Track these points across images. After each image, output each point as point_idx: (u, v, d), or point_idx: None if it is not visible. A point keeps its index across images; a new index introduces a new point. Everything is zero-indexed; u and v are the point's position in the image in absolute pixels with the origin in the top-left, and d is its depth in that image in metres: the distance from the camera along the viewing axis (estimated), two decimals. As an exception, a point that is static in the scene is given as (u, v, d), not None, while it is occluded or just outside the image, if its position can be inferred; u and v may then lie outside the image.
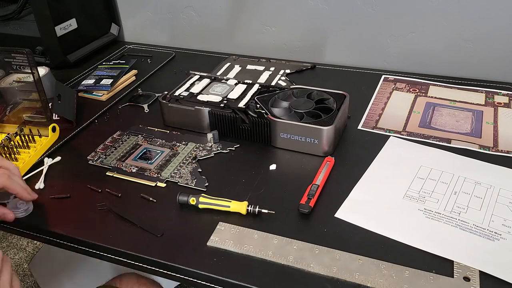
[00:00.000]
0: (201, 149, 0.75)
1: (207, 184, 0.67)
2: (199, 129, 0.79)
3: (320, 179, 0.65)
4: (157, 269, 0.57)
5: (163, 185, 0.68)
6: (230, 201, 0.61)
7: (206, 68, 0.96)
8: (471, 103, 0.84)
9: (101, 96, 0.93)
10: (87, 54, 1.11)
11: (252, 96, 0.79)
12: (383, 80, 0.95)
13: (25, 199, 0.62)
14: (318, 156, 0.72)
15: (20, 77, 0.78)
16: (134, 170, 0.71)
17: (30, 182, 0.70)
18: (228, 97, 0.79)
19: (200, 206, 0.62)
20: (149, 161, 0.72)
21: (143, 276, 0.84)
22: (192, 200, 0.62)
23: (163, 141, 0.77)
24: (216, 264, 0.55)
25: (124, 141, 0.78)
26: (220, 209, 0.61)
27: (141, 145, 0.77)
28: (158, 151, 0.75)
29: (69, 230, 0.61)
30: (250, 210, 0.60)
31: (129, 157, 0.74)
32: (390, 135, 0.77)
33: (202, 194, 0.62)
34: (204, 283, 0.54)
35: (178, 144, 0.76)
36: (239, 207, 0.60)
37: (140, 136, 0.79)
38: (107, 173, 0.71)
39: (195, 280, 0.55)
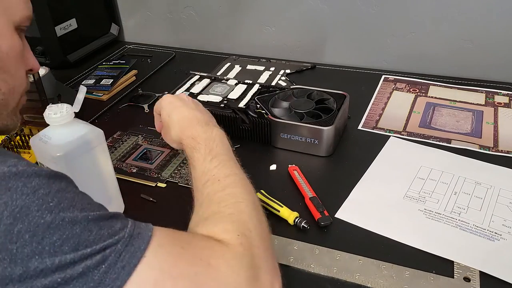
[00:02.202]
0: (201, 149, 0.75)
1: (207, 184, 0.67)
2: (199, 129, 0.79)
3: (308, 189, 0.64)
4: (157, 270, 0.57)
5: (164, 185, 0.68)
6: (282, 206, 0.60)
7: (206, 68, 0.96)
8: (471, 103, 0.84)
9: (101, 96, 0.93)
10: (87, 54, 1.11)
11: (252, 96, 0.79)
12: (383, 80, 0.95)
13: None
14: (318, 156, 0.72)
15: (20, 77, 0.78)
16: (134, 170, 0.71)
17: (30, 182, 0.70)
18: (228, 97, 0.79)
19: None
20: (150, 161, 0.72)
21: None
22: None
23: (163, 141, 0.77)
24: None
25: (124, 141, 0.78)
26: (271, 210, 0.61)
27: (141, 145, 0.77)
28: (158, 151, 0.75)
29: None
30: (297, 222, 0.59)
31: (129, 157, 0.74)
32: (390, 135, 0.77)
33: (261, 191, 0.62)
34: (204, 283, 0.54)
35: (178, 144, 0.76)
36: (288, 215, 0.59)
37: (140, 136, 0.79)
38: (107, 173, 0.71)
39: (195, 280, 0.55)
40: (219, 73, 0.97)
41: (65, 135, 0.53)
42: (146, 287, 0.36)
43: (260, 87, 0.82)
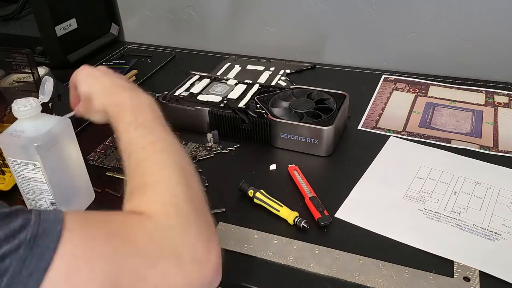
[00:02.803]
0: (201, 149, 0.75)
1: (207, 184, 0.67)
2: (199, 129, 0.79)
3: (308, 189, 0.64)
4: (157, 269, 0.57)
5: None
6: (282, 206, 0.60)
7: (206, 68, 0.96)
8: (471, 103, 0.84)
9: (101, 96, 0.93)
10: (87, 54, 1.11)
11: (252, 96, 0.79)
12: (383, 80, 0.95)
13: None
14: (318, 156, 0.72)
15: (20, 77, 0.78)
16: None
17: (30, 182, 0.70)
18: (228, 97, 0.79)
19: (255, 200, 0.62)
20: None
21: None
22: (250, 193, 0.62)
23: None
24: (216, 264, 0.54)
25: (124, 141, 0.78)
26: (270, 210, 0.61)
27: (141, 145, 0.77)
28: (158, 151, 0.75)
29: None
30: (296, 222, 0.58)
31: (129, 157, 0.74)
32: (390, 135, 0.77)
33: (261, 190, 0.62)
34: (204, 283, 0.54)
35: (178, 144, 0.76)
36: (287, 214, 0.59)
37: (140, 136, 0.79)
38: (107, 173, 0.71)
39: (195, 280, 0.55)
40: (219, 73, 0.97)
41: (37, 127, 0.54)
42: (59, 281, 0.32)
43: (260, 87, 0.82)
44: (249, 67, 0.99)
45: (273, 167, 0.70)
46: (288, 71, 0.98)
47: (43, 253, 0.32)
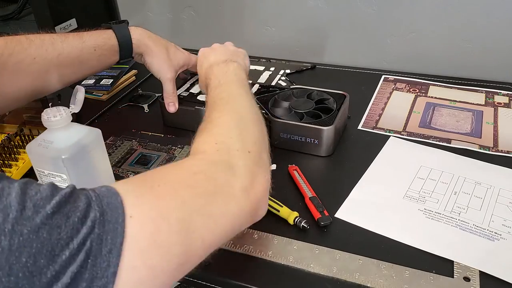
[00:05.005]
0: (201, 149, 0.75)
1: (207, 184, 0.67)
2: (199, 129, 0.79)
3: (308, 189, 0.63)
4: (157, 269, 0.57)
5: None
6: (282, 206, 0.60)
7: (206, 68, 0.96)
8: (471, 103, 0.84)
9: (101, 96, 0.93)
10: (87, 54, 1.11)
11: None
12: (383, 80, 0.95)
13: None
14: (318, 156, 0.72)
15: (20, 77, 0.78)
16: (131, 176, 0.69)
17: (30, 182, 0.70)
18: (228, 97, 0.79)
19: None
20: (147, 166, 0.72)
21: None
22: None
23: (158, 145, 0.76)
24: (216, 264, 0.54)
25: (118, 146, 0.77)
26: (270, 210, 0.60)
27: (136, 149, 0.76)
28: (154, 155, 0.74)
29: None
30: (297, 222, 0.58)
31: (124, 162, 0.73)
32: (390, 135, 0.77)
33: None
34: (204, 283, 0.54)
35: (174, 147, 0.76)
36: (288, 214, 0.59)
37: (134, 141, 0.78)
38: (107, 173, 0.71)
39: (195, 280, 0.55)
40: (219, 73, 0.97)
41: (66, 137, 0.53)
42: (139, 247, 0.33)
43: (260, 87, 0.82)
44: (249, 67, 0.99)
45: (273, 167, 0.70)
46: (288, 71, 0.98)
47: (115, 228, 0.32)
